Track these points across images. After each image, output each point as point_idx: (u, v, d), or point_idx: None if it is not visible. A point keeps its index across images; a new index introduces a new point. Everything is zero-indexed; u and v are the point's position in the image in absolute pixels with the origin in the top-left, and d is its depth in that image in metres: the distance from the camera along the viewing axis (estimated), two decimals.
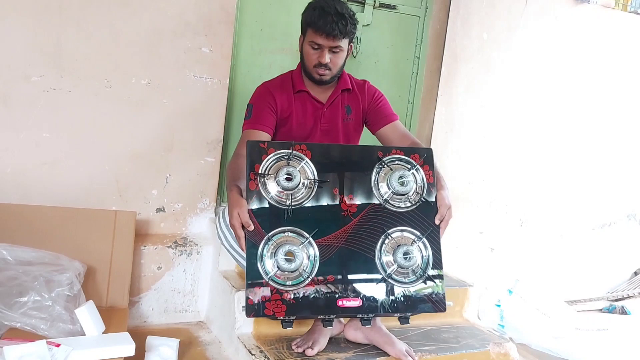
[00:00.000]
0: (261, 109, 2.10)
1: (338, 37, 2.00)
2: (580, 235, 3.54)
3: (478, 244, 3.17)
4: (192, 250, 2.37)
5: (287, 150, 1.83)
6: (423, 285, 1.85)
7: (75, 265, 1.93)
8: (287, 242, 1.76)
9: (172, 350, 1.95)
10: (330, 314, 1.77)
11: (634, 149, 3.64)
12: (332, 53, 2.04)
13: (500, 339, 2.26)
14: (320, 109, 2.17)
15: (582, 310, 3.32)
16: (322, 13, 1.99)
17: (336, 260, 1.79)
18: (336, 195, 1.85)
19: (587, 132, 3.44)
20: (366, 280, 1.80)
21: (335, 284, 1.77)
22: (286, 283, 1.74)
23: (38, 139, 2.17)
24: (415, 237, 1.87)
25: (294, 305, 1.72)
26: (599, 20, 3.32)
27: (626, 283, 3.72)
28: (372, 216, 1.87)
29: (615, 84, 3.47)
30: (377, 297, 1.80)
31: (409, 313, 1.83)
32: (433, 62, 3.04)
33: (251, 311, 1.70)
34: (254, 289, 1.71)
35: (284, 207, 1.79)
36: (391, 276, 1.82)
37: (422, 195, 1.91)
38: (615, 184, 3.61)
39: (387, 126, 2.18)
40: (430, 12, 3.00)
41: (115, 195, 2.32)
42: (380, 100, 2.24)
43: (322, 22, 1.98)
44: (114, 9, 2.22)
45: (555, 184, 3.38)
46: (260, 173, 1.79)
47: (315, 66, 2.06)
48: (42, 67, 2.14)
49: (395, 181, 1.88)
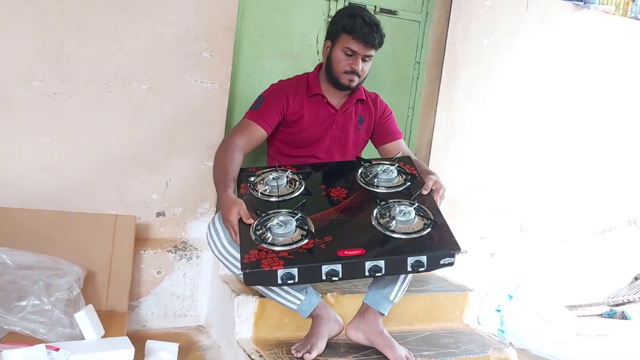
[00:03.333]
0: (269, 106, 2.14)
1: (375, 47, 2.09)
2: (580, 240, 3.53)
3: (478, 249, 3.16)
4: (192, 255, 2.37)
5: (272, 168, 2.01)
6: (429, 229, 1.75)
7: (75, 270, 1.93)
8: (280, 214, 1.79)
9: (171, 355, 1.94)
10: (332, 262, 1.66)
11: (634, 154, 3.64)
12: (363, 61, 2.11)
13: (501, 344, 2.26)
14: (333, 115, 2.22)
15: (583, 316, 3.31)
16: (362, 22, 2.06)
17: (332, 227, 1.78)
18: (323, 189, 1.94)
19: (587, 137, 3.44)
20: (367, 236, 1.75)
21: (333, 241, 1.72)
22: (281, 244, 1.70)
23: (38, 143, 2.18)
24: (410, 203, 1.84)
25: (293, 260, 1.66)
26: (599, 25, 3.33)
27: (626, 288, 3.71)
28: (362, 195, 1.91)
29: (615, 89, 3.47)
30: (382, 247, 1.72)
31: (422, 254, 1.69)
32: (433, 68, 3.04)
33: (246, 267, 1.63)
34: (248, 252, 1.68)
35: (275, 200, 1.89)
36: (390, 229, 1.75)
37: (407, 178, 1.96)
38: (615, 189, 3.61)
39: (392, 143, 2.26)
40: (430, 17, 3.01)
41: (115, 200, 2.32)
42: (389, 117, 2.32)
43: (363, 32, 2.04)
44: (115, 14, 2.22)
45: (555, 189, 3.38)
46: (251, 180, 1.95)
47: (345, 72, 2.11)
48: (43, 72, 2.14)
49: (380, 172, 1.96)
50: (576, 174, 3.44)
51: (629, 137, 3.60)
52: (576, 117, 3.37)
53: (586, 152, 3.45)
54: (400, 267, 1.72)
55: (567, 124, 3.35)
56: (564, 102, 3.32)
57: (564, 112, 3.33)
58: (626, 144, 3.59)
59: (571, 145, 3.39)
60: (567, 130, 3.36)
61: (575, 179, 3.44)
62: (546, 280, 3.34)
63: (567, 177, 3.41)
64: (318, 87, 2.20)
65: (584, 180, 3.47)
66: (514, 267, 3.26)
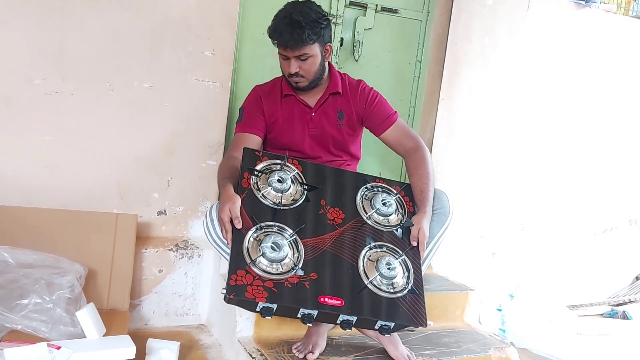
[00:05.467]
0: (251, 113, 2.13)
1: (297, 47, 1.97)
2: (581, 240, 3.53)
3: (479, 249, 3.16)
4: (194, 254, 2.37)
5: (280, 161, 1.91)
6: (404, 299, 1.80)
7: (76, 268, 1.93)
8: (274, 234, 1.76)
9: (172, 353, 1.95)
10: (311, 308, 1.70)
11: (635, 153, 3.64)
12: (300, 61, 2.01)
13: (502, 344, 2.26)
14: (308, 114, 2.15)
15: (584, 315, 3.31)
16: (278, 24, 1.98)
17: (321, 261, 1.78)
18: (323, 206, 1.89)
19: (589, 136, 3.43)
20: (349, 284, 1.77)
21: (318, 281, 1.74)
22: (270, 271, 1.70)
23: (40, 141, 2.18)
24: (396, 254, 1.85)
25: (276, 294, 1.67)
26: (600, 24, 3.33)
27: (627, 288, 3.71)
28: (355, 229, 1.88)
29: (617, 89, 3.46)
30: (359, 301, 1.75)
31: (390, 321, 1.75)
32: (435, 66, 3.04)
33: (232, 291, 1.64)
34: (236, 272, 1.68)
35: (274, 207, 1.82)
36: (373, 284, 1.78)
37: (403, 218, 1.93)
38: (616, 189, 3.60)
39: (387, 131, 2.14)
40: (432, 16, 3.01)
41: (117, 198, 2.33)
42: (375, 104, 2.16)
43: (277, 34, 1.98)
44: (116, 13, 2.22)
45: (556, 188, 3.38)
46: (254, 169, 1.85)
47: (288, 75, 2.06)
48: (44, 70, 2.14)
49: (379, 202, 1.92)
50: (577, 174, 3.44)
51: (630, 136, 3.60)
52: (577, 116, 3.37)
53: (588, 152, 3.45)
54: (369, 325, 1.79)
55: (569, 123, 3.35)
56: (565, 100, 3.31)
57: (565, 111, 3.32)
58: (627, 143, 3.59)
59: (573, 144, 3.39)
60: (568, 129, 3.35)
61: (576, 179, 3.44)
62: (547, 279, 3.34)
63: (568, 177, 3.41)
64: (289, 87, 2.13)
65: (585, 180, 3.47)
66: (515, 267, 3.25)
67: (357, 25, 2.85)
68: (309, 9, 2.00)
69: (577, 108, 3.36)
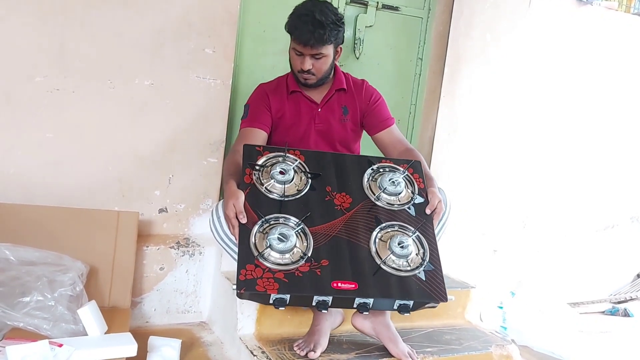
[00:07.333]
0: (257, 109, 2.13)
1: (316, 46, 2.00)
2: (583, 237, 3.53)
3: (480, 246, 3.16)
4: (195, 251, 2.37)
5: (281, 153, 1.91)
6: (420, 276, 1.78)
7: (78, 266, 1.93)
8: (281, 225, 1.76)
9: (174, 351, 1.95)
10: (324, 295, 1.69)
11: (637, 151, 3.63)
12: (314, 59, 2.04)
13: (503, 341, 2.26)
14: (314, 109, 2.18)
15: (585, 313, 3.31)
16: (299, 22, 1.99)
17: (332, 247, 1.77)
18: (329, 192, 1.88)
19: (590, 134, 3.43)
20: (363, 267, 1.75)
21: (330, 267, 1.73)
22: (279, 262, 1.70)
23: (41, 139, 2.18)
24: (409, 231, 1.84)
25: (287, 284, 1.66)
26: (602, 21, 3.32)
27: (629, 285, 3.71)
28: (365, 211, 1.87)
29: (618, 86, 3.46)
30: (374, 283, 1.73)
31: (408, 300, 1.73)
32: (436, 64, 3.04)
33: (242, 286, 1.63)
34: (245, 267, 1.67)
35: (279, 199, 1.82)
36: (386, 263, 1.76)
37: (414, 196, 1.92)
38: (618, 186, 3.60)
39: (383, 132, 2.17)
40: (433, 13, 3.00)
41: (118, 196, 2.33)
42: (376, 104, 2.21)
43: (299, 32, 1.99)
44: (118, 10, 2.22)
45: (558, 185, 3.37)
46: (256, 164, 1.85)
47: (299, 71, 2.08)
48: (46, 68, 2.15)
49: (387, 182, 1.91)
50: (579, 171, 3.43)
51: (632, 134, 3.59)
52: (579, 113, 3.36)
53: (589, 149, 3.44)
54: (387, 305, 1.78)
55: (570, 120, 3.34)
56: (567, 98, 3.30)
57: (566, 108, 3.32)
58: (629, 140, 3.59)
59: (574, 141, 3.38)
60: (569, 127, 3.35)
61: (577, 176, 3.43)
62: (548, 277, 3.33)
63: (570, 174, 3.41)
64: (295, 84, 2.16)
65: (586, 177, 3.46)
66: (516, 264, 3.25)
67: (358, 23, 2.85)
68: (328, 9, 2.03)
69: (579, 105, 3.35)
